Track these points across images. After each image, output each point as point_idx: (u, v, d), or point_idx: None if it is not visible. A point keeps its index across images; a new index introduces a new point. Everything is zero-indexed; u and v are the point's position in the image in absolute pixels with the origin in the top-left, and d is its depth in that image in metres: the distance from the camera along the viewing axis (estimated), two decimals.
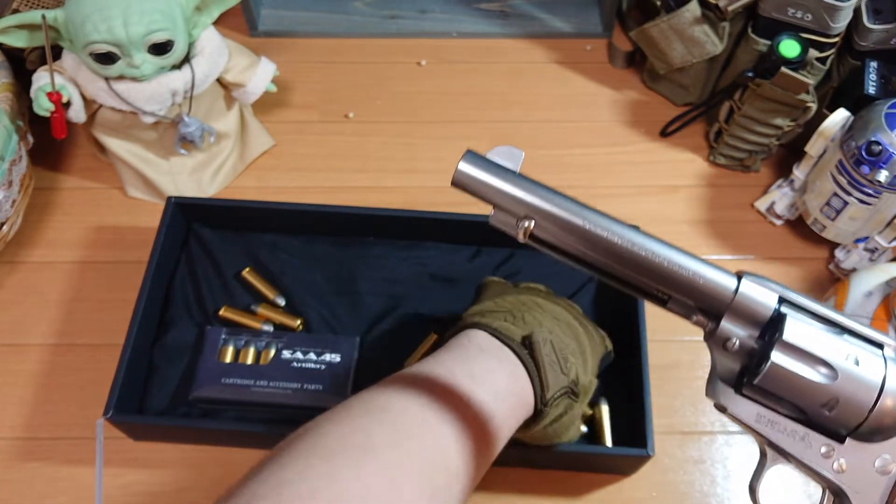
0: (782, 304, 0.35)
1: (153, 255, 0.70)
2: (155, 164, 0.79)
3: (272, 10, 0.96)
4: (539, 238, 0.37)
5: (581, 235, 0.36)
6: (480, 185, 0.38)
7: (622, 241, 0.36)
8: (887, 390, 0.33)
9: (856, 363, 0.34)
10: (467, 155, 0.38)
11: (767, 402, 0.35)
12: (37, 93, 0.71)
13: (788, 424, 0.35)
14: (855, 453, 0.34)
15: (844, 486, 0.35)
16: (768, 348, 0.34)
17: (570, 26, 0.97)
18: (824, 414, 0.34)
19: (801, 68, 0.73)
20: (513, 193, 0.37)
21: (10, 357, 0.72)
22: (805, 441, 0.35)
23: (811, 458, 0.35)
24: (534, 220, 0.37)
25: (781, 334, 0.34)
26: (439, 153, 0.86)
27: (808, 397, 0.34)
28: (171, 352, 0.70)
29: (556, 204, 0.36)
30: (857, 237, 0.75)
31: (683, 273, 0.36)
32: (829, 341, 0.34)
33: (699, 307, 0.36)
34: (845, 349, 0.34)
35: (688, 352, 0.75)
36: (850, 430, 0.34)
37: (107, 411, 0.62)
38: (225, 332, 0.69)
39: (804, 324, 0.35)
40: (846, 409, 0.33)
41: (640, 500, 0.67)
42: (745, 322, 0.35)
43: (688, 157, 0.87)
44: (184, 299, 0.73)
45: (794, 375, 0.34)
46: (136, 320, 0.66)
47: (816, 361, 0.34)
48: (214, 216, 0.76)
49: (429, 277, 0.75)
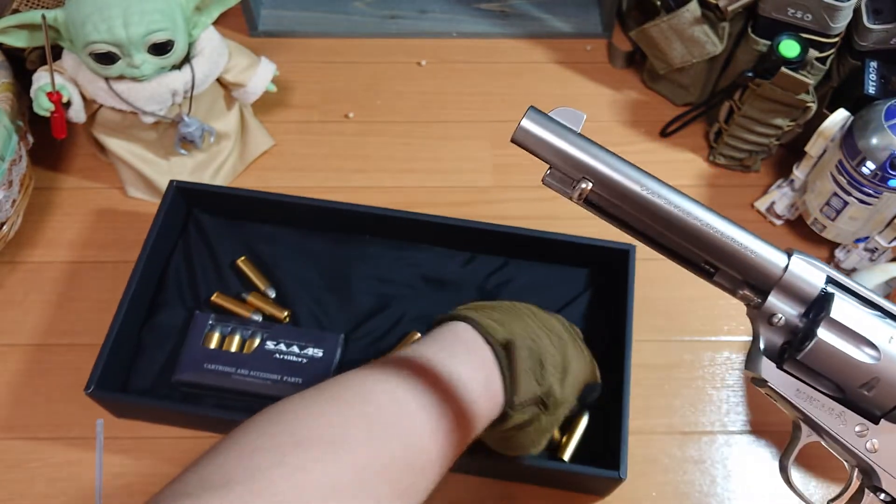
0: (829, 283, 0.36)
1: (150, 236, 0.70)
2: (155, 164, 0.79)
3: (272, 10, 0.96)
4: (593, 202, 0.37)
5: (637, 201, 0.36)
6: (540, 144, 0.37)
7: (678, 210, 0.36)
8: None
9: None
10: (530, 111, 0.37)
11: (808, 379, 0.36)
12: (37, 93, 0.71)
13: (826, 401, 0.35)
14: (888, 434, 0.35)
15: (875, 465, 0.35)
16: (814, 325, 0.35)
17: (570, 26, 0.97)
18: (863, 393, 0.35)
19: (801, 68, 0.73)
20: (572, 154, 0.37)
21: (10, 357, 0.72)
22: (841, 419, 0.35)
23: (846, 436, 0.35)
24: (591, 183, 0.36)
25: (829, 312, 0.35)
26: (439, 153, 0.86)
27: (849, 376, 0.35)
28: (159, 333, 0.71)
29: (615, 168, 0.37)
30: (857, 237, 0.75)
31: (735, 246, 0.35)
32: (874, 323, 0.35)
33: (747, 281, 0.36)
34: (889, 332, 0.35)
35: (688, 352, 0.75)
36: (886, 411, 0.35)
37: (88, 386, 0.62)
38: (212, 318, 0.70)
39: (850, 304, 0.35)
40: (885, 389, 0.34)
41: (640, 499, 0.67)
42: (792, 299, 0.36)
43: (688, 157, 0.87)
44: (177, 283, 0.74)
45: (838, 353, 0.34)
46: (127, 299, 0.67)
47: (861, 341, 0.34)
48: (215, 203, 0.76)
49: (421, 279, 0.75)
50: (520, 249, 0.75)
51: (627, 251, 0.71)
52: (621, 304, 0.69)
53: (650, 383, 0.71)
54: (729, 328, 0.76)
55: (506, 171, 0.85)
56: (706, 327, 0.76)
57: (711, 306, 0.77)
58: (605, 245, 0.72)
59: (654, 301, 0.77)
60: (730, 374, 0.73)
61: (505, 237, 0.73)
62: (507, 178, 0.85)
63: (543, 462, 0.62)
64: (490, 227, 0.72)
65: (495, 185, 0.84)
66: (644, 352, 0.70)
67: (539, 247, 0.74)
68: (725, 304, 0.77)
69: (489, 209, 0.82)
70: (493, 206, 0.83)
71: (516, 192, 0.84)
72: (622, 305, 0.69)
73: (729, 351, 0.75)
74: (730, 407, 0.72)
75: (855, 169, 0.69)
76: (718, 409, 0.72)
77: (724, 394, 0.72)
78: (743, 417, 0.71)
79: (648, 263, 0.78)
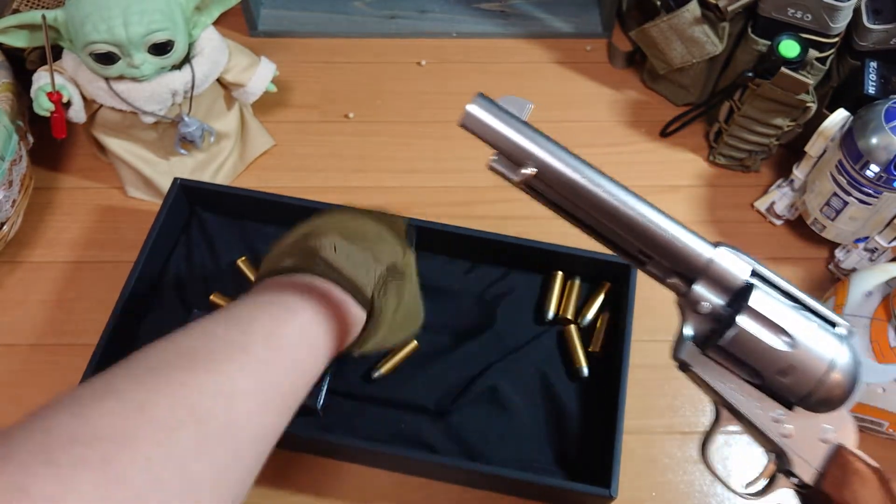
0: (754, 276, 0.38)
1: (151, 233, 0.70)
2: (155, 164, 0.79)
3: (272, 10, 0.96)
4: (534, 187, 0.39)
5: (576, 189, 0.38)
6: (486, 129, 0.38)
7: (615, 200, 0.38)
8: (835, 364, 0.36)
9: (812, 336, 0.36)
10: (478, 98, 0.38)
11: (729, 365, 0.38)
12: (37, 93, 0.71)
13: (745, 388, 0.38)
14: (802, 421, 0.37)
15: (789, 450, 0.37)
16: (735, 314, 0.36)
17: (570, 26, 0.97)
18: (779, 380, 0.37)
19: (800, 68, 0.73)
20: (517, 140, 0.38)
21: (10, 357, 0.72)
22: (759, 405, 0.37)
23: (762, 422, 0.37)
24: (533, 169, 0.38)
25: (749, 302, 0.36)
26: (439, 153, 0.86)
27: (766, 362, 0.36)
28: (156, 330, 0.69)
29: (557, 156, 0.38)
30: (857, 237, 0.75)
31: (667, 236, 0.37)
32: (792, 314, 0.37)
33: (675, 270, 0.38)
34: (804, 323, 0.37)
35: None
36: (800, 398, 0.37)
37: (83, 380, 0.62)
38: None
39: (771, 296, 0.37)
40: (799, 377, 0.36)
41: (640, 499, 0.67)
42: (717, 288, 0.38)
43: (688, 157, 0.87)
44: (177, 281, 0.74)
45: (756, 340, 0.36)
46: (125, 295, 0.67)
47: (778, 330, 0.36)
48: (218, 202, 0.76)
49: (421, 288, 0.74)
50: (521, 260, 0.74)
51: (629, 265, 0.70)
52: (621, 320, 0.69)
53: (650, 383, 0.71)
54: None
55: None
56: None
57: None
58: (608, 259, 0.71)
59: (654, 301, 0.77)
60: None
61: (507, 247, 0.72)
62: None
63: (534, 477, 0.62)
64: (492, 236, 0.72)
65: (495, 184, 0.83)
66: (644, 352, 0.70)
67: (541, 258, 0.73)
68: None
69: (489, 209, 0.82)
70: (493, 206, 0.83)
71: (516, 192, 0.83)
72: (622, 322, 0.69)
73: None
74: None
75: (858, 172, 0.69)
76: None
77: None
78: None
79: None
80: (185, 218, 0.77)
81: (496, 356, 0.70)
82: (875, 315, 0.63)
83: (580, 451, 0.67)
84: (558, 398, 0.68)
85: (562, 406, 0.68)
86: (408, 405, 0.68)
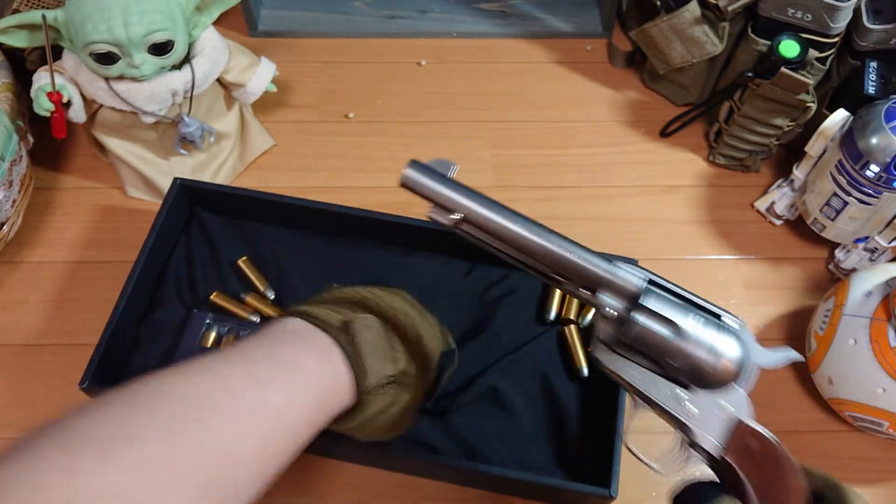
0: (650, 283, 0.45)
1: (151, 233, 0.70)
2: (155, 164, 0.79)
3: (272, 10, 0.96)
4: (465, 230, 0.47)
5: (495, 229, 0.46)
6: (420, 187, 0.47)
7: (528, 235, 0.46)
8: (716, 349, 0.43)
9: (696, 327, 0.43)
10: (411, 163, 0.47)
11: (634, 357, 0.45)
12: (37, 93, 0.71)
13: (650, 376, 0.45)
14: (701, 400, 0.44)
15: (694, 427, 0.44)
16: (632, 312, 0.44)
17: (570, 26, 0.97)
18: (673, 366, 0.44)
19: (801, 68, 0.73)
20: (444, 193, 0.46)
21: (9, 356, 0.72)
22: (663, 390, 0.44)
23: (668, 404, 0.44)
24: (460, 215, 0.46)
25: (642, 302, 0.44)
26: (439, 153, 0.86)
27: (661, 351, 0.44)
28: (156, 330, 0.71)
29: (478, 203, 0.46)
30: (857, 237, 0.75)
31: (573, 259, 0.45)
32: (679, 311, 0.44)
33: (583, 285, 0.46)
34: (690, 317, 0.44)
35: None
36: (694, 380, 0.44)
37: (83, 381, 0.62)
38: (210, 318, 0.69)
39: (661, 298, 0.45)
40: (688, 362, 0.43)
41: (640, 499, 0.67)
42: (618, 295, 0.45)
43: (688, 157, 0.87)
44: (177, 280, 0.74)
45: (651, 333, 0.44)
46: (126, 294, 0.67)
47: (668, 324, 0.44)
48: (218, 202, 0.76)
49: (420, 289, 0.74)
50: None
51: None
52: None
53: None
54: None
55: (506, 171, 0.85)
56: None
57: None
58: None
59: None
60: None
61: None
62: (507, 178, 0.85)
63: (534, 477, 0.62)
64: None
65: (495, 185, 0.84)
66: None
67: None
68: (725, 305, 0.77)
69: None
70: None
71: (516, 192, 0.84)
72: None
73: None
74: None
75: (858, 172, 0.69)
76: None
77: None
78: None
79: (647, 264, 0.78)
80: (185, 218, 0.77)
81: (496, 356, 0.70)
82: (875, 315, 0.63)
83: (580, 451, 0.67)
84: (558, 398, 0.68)
85: (562, 406, 0.68)
86: None
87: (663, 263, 0.79)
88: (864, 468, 0.69)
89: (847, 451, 0.70)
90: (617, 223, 0.82)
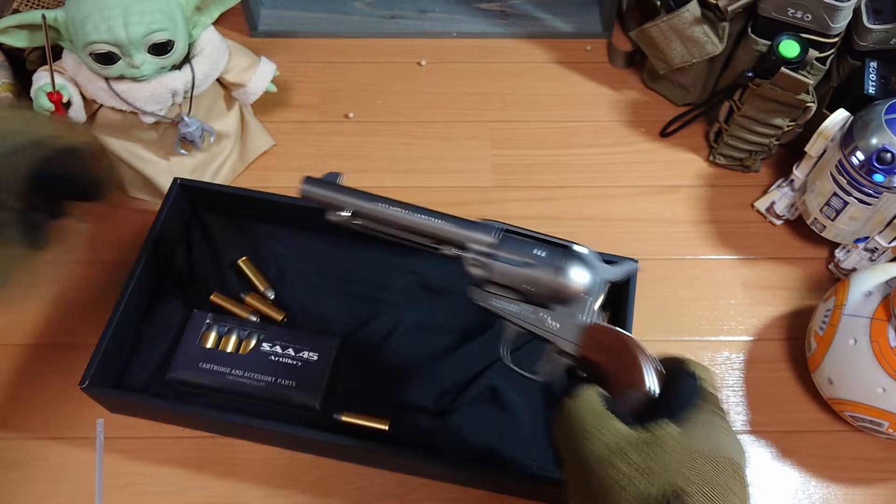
0: (505, 232, 0.54)
1: (152, 232, 0.70)
2: (155, 164, 0.79)
3: (272, 10, 0.96)
4: (357, 223, 0.57)
5: (378, 216, 0.56)
6: (315, 196, 0.57)
7: (407, 215, 0.55)
8: (561, 269, 0.51)
9: (543, 257, 0.52)
10: (305, 178, 0.57)
11: (501, 292, 0.53)
12: (37, 93, 0.71)
13: (516, 304, 0.53)
14: (560, 315, 0.52)
15: (556, 338, 0.52)
16: (492, 256, 0.53)
17: (570, 26, 0.97)
18: (533, 291, 0.52)
19: (801, 68, 0.73)
20: (333, 197, 0.57)
21: (9, 356, 0.72)
22: (529, 314, 0.53)
23: (534, 323, 0.53)
24: (349, 212, 0.56)
25: (500, 246, 0.53)
26: (439, 153, 0.86)
27: (521, 281, 0.52)
28: (156, 330, 0.71)
29: (362, 199, 0.57)
30: (857, 237, 0.75)
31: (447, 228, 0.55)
32: (529, 246, 0.53)
33: (456, 245, 0.54)
34: (539, 250, 0.52)
35: (688, 352, 0.74)
36: (552, 299, 0.52)
37: (83, 381, 0.62)
38: (210, 317, 0.69)
39: (514, 240, 0.53)
40: (542, 285, 0.52)
41: None
42: (481, 246, 0.53)
43: (688, 157, 0.87)
44: (177, 280, 0.74)
45: (509, 268, 0.52)
46: (126, 296, 0.67)
47: (523, 257, 0.52)
48: (218, 202, 0.76)
49: (419, 287, 0.75)
50: None
51: None
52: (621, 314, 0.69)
53: None
54: (729, 328, 0.76)
55: (506, 171, 0.85)
56: (706, 327, 0.76)
57: (711, 306, 0.77)
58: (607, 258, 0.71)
59: (653, 302, 0.77)
60: (730, 374, 0.73)
61: None
62: (507, 177, 0.85)
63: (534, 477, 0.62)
64: None
65: (495, 185, 0.84)
66: None
67: None
68: (725, 305, 0.78)
69: (489, 209, 0.82)
70: (493, 206, 0.83)
71: (516, 192, 0.84)
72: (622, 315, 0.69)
73: (729, 351, 0.75)
74: (730, 407, 0.72)
75: (846, 158, 0.69)
76: None
77: (724, 394, 0.72)
78: (743, 417, 0.71)
79: (646, 263, 0.78)
80: (185, 218, 0.77)
81: (496, 356, 0.70)
82: (875, 315, 0.63)
83: None
84: (558, 398, 0.68)
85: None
86: (408, 405, 0.68)
87: (663, 263, 0.80)
88: (864, 468, 0.69)
89: (847, 451, 0.70)
90: (617, 223, 0.82)
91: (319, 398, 0.66)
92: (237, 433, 0.68)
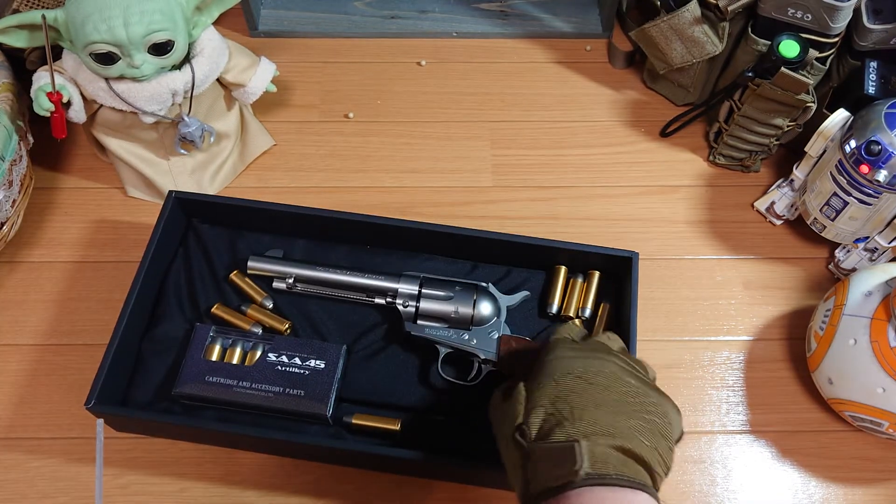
0: (423, 280, 0.69)
1: (149, 248, 0.70)
2: (155, 164, 0.79)
3: (272, 10, 0.96)
4: (300, 288, 0.71)
5: (320, 280, 0.70)
6: (262, 269, 0.71)
7: (342, 277, 0.70)
8: (477, 301, 0.68)
9: (458, 293, 0.68)
10: (251, 256, 0.71)
11: (431, 322, 0.68)
12: (37, 93, 0.71)
13: (443, 329, 0.68)
14: (478, 334, 0.68)
15: (477, 351, 0.67)
16: (419, 301, 0.69)
17: (570, 26, 0.97)
18: (455, 319, 0.68)
19: (801, 68, 0.73)
20: (277, 269, 0.71)
21: (10, 356, 0.72)
22: (452, 336, 0.68)
23: (458, 343, 0.67)
24: (291, 279, 0.70)
25: (423, 292, 0.69)
26: (439, 153, 0.86)
27: (443, 314, 0.68)
28: (159, 345, 0.70)
29: (303, 268, 0.70)
30: (857, 237, 0.75)
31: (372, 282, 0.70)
32: (446, 287, 0.69)
33: (387, 295, 0.70)
34: (454, 288, 0.69)
35: (688, 352, 0.75)
36: (470, 324, 0.68)
37: (88, 401, 0.62)
38: (213, 330, 0.68)
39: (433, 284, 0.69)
40: (461, 315, 0.67)
41: None
42: (407, 293, 0.69)
43: (688, 157, 0.87)
44: (177, 294, 0.73)
45: (432, 306, 0.68)
46: (126, 312, 0.66)
47: (441, 296, 0.68)
48: (214, 213, 0.75)
49: None
50: (522, 258, 0.74)
51: (630, 258, 0.70)
52: (624, 312, 0.69)
53: None
54: (728, 328, 0.76)
55: (506, 171, 0.85)
56: (706, 327, 0.76)
57: (711, 307, 0.77)
58: (607, 253, 0.71)
59: (653, 302, 0.77)
60: (729, 374, 0.74)
61: (507, 246, 0.72)
62: (507, 178, 0.85)
63: None
64: (493, 235, 0.72)
65: (495, 185, 0.84)
66: (644, 352, 0.70)
67: (542, 255, 0.73)
68: (725, 305, 0.78)
69: (489, 209, 0.82)
70: (492, 205, 0.83)
71: (516, 192, 0.84)
72: (625, 312, 0.69)
73: (729, 351, 0.75)
74: (729, 407, 0.72)
75: (846, 157, 0.69)
76: (718, 409, 0.72)
77: (724, 394, 0.72)
78: (742, 417, 0.71)
79: (647, 263, 0.78)
80: (181, 231, 0.76)
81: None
82: (875, 315, 0.63)
83: None
84: None
85: None
86: (408, 405, 0.68)
87: (663, 263, 0.80)
88: (864, 468, 0.69)
89: (847, 451, 0.70)
90: (617, 223, 0.82)
91: (329, 406, 0.66)
92: (249, 446, 0.67)
